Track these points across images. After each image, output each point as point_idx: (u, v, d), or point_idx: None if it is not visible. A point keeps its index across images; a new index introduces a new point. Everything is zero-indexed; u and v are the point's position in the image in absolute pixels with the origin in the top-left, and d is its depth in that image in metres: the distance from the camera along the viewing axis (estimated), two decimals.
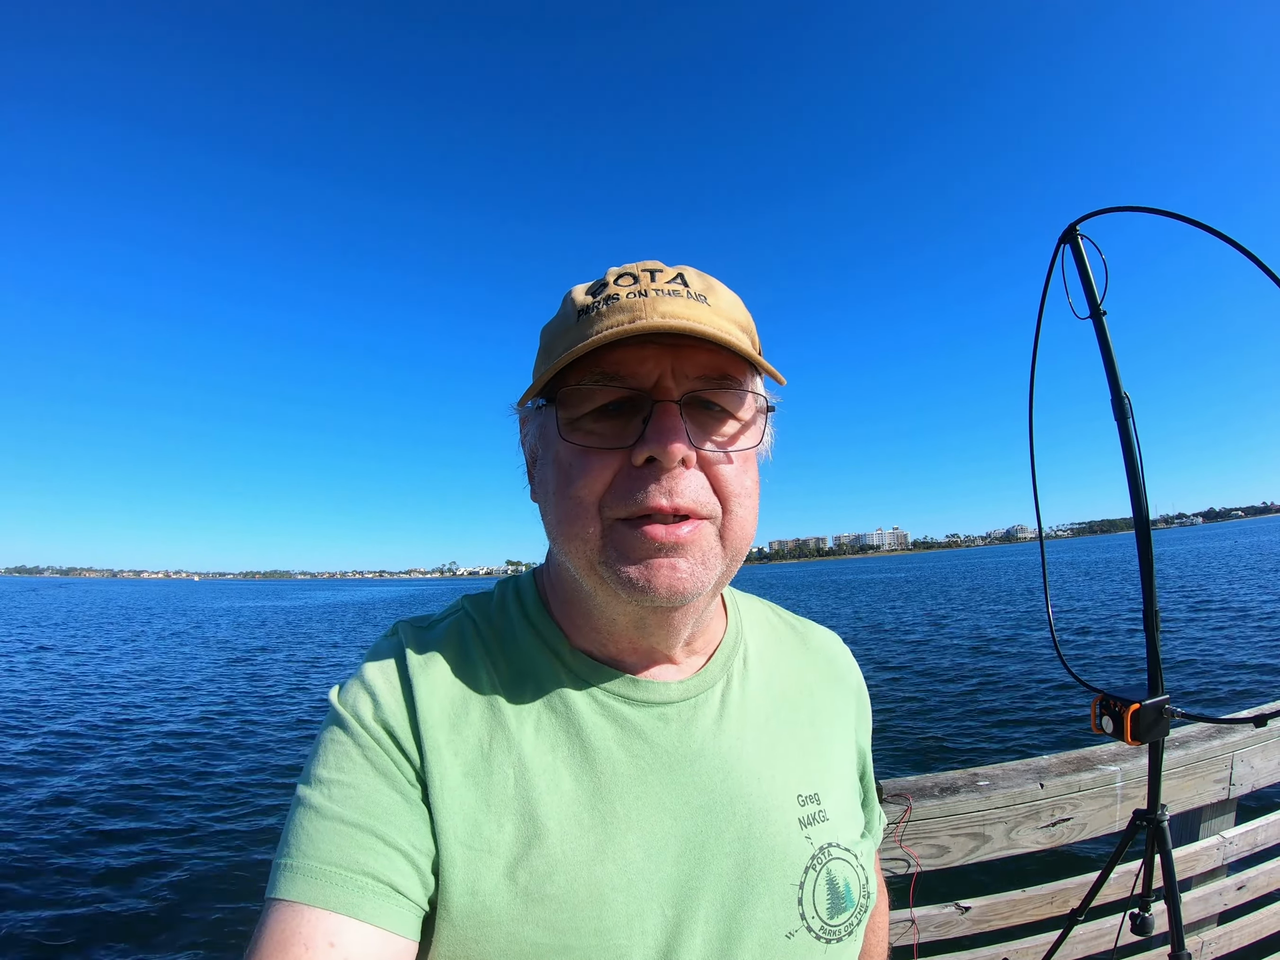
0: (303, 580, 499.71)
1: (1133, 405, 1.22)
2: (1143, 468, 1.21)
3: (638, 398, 0.61)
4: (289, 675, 15.06)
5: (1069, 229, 1.31)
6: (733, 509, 0.62)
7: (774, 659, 0.80)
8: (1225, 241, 1.04)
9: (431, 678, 0.65)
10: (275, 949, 0.50)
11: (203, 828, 5.99)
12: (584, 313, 0.62)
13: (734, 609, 0.82)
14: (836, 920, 0.66)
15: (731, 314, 0.64)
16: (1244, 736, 1.81)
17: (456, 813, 0.59)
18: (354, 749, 0.59)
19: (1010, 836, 1.60)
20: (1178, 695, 1.10)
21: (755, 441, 0.66)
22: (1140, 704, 1.16)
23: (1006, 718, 8.53)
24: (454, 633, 0.70)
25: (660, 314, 0.58)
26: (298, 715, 10.63)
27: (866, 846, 0.73)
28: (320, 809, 0.56)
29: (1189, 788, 1.75)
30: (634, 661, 0.70)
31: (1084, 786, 1.65)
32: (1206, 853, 1.80)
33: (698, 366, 0.62)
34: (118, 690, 12.91)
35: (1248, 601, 18.44)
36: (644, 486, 0.58)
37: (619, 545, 0.60)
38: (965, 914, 1.63)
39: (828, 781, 0.73)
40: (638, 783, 0.64)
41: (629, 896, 0.59)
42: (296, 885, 0.53)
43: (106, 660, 17.63)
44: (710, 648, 0.75)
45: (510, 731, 0.63)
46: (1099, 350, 1.28)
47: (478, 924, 0.56)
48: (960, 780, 1.65)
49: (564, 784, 0.62)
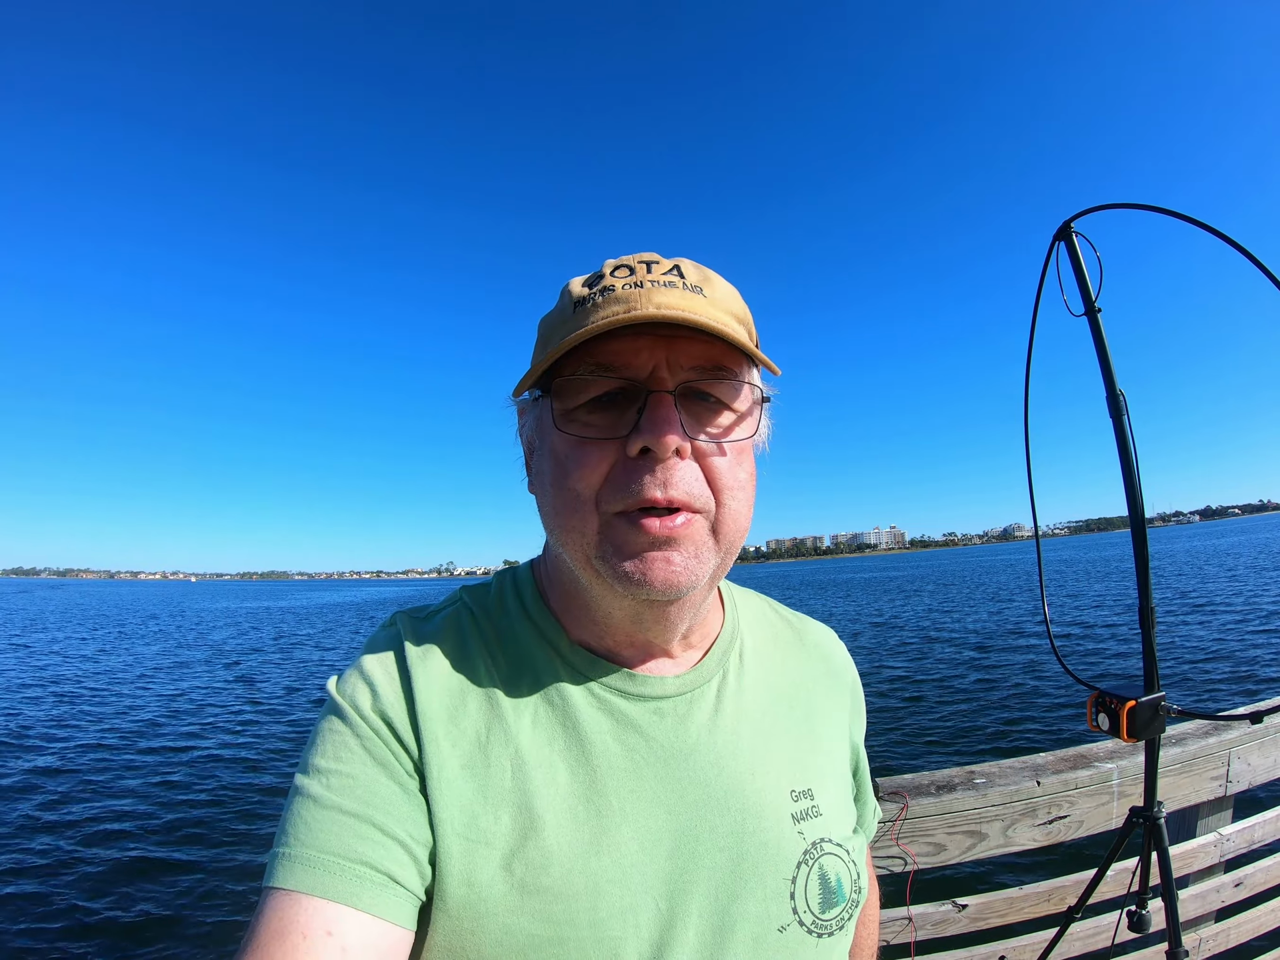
0: (300, 581, 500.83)
1: (1128, 402, 1.21)
2: (1138, 465, 1.21)
3: (632, 388, 0.61)
4: (281, 674, 15.03)
5: (1063, 226, 1.30)
6: (726, 501, 0.62)
7: (770, 654, 0.80)
8: (1221, 238, 1.04)
9: (430, 669, 0.65)
10: (273, 937, 0.50)
11: (198, 824, 5.97)
12: (580, 304, 0.62)
13: (731, 604, 0.82)
14: (828, 915, 0.66)
15: (728, 305, 0.63)
16: (1241, 733, 1.81)
17: (454, 804, 0.59)
18: (352, 739, 0.59)
19: (1007, 834, 1.60)
20: (1173, 691, 1.09)
21: (750, 433, 0.66)
22: (1136, 701, 1.16)
23: (1003, 715, 8.55)
24: (452, 624, 0.70)
25: (655, 304, 0.58)
26: (292, 715, 10.61)
27: (859, 842, 0.73)
28: (319, 798, 0.56)
29: (1185, 785, 1.75)
30: (631, 654, 0.70)
31: (1081, 784, 1.65)
32: (1203, 850, 1.80)
33: (692, 357, 0.61)
34: (94, 689, 12.86)
35: (1244, 599, 18.49)
36: (639, 478, 0.58)
37: (614, 540, 0.60)
38: (962, 912, 1.63)
39: (821, 777, 0.73)
40: (633, 777, 0.64)
41: (623, 889, 0.59)
42: (295, 874, 0.53)
43: (86, 660, 17.54)
44: (707, 642, 0.75)
45: (508, 724, 0.63)
46: (1094, 347, 1.28)
47: (474, 915, 0.56)
48: (957, 778, 1.65)
49: (560, 777, 0.62)
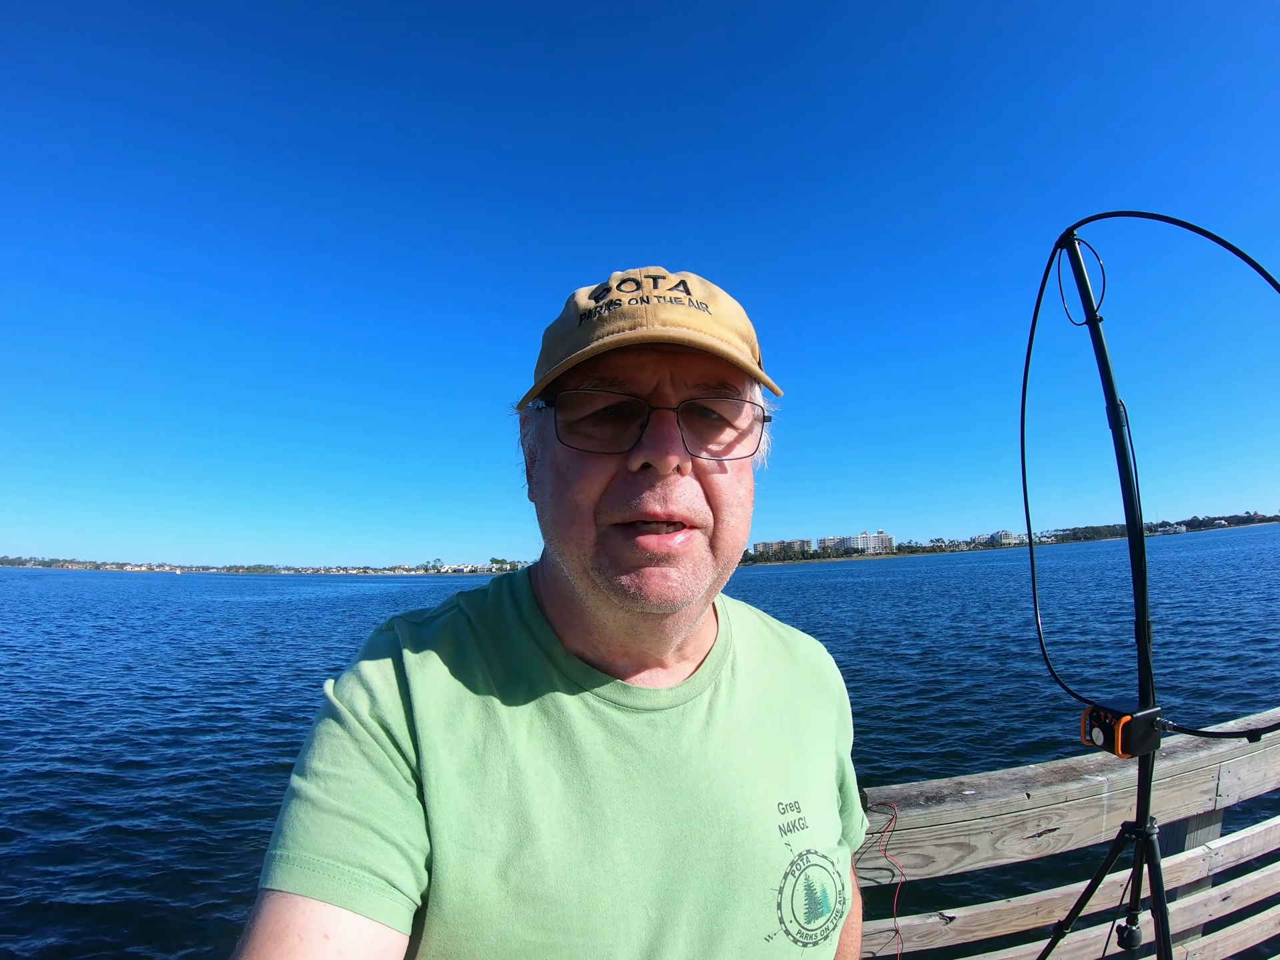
0: (287, 575, 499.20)
1: (1128, 413, 1.20)
2: (1137, 477, 1.20)
3: (635, 404, 0.62)
4: (276, 671, 14.93)
5: (1066, 233, 1.29)
6: (725, 518, 0.63)
7: (760, 667, 0.81)
8: (1225, 247, 1.03)
9: (427, 676, 0.65)
10: (269, 940, 0.50)
11: (193, 823, 5.92)
12: (586, 317, 0.63)
13: (724, 616, 0.83)
14: (813, 924, 0.68)
15: (732, 323, 0.64)
16: (1231, 748, 1.80)
17: (451, 811, 0.59)
18: (350, 743, 0.60)
19: (996, 846, 1.59)
20: (1165, 707, 1.08)
21: (751, 450, 0.67)
22: (1131, 716, 1.15)
23: (993, 727, 8.57)
24: (449, 630, 0.70)
25: (661, 321, 0.59)
26: (287, 712, 10.53)
27: (843, 853, 0.75)
28: (316, 801, 0.57)
29: (1175, 799, 1.74)
30: (625, 665, 0.70)
31: (1071, 797, 1.64)
32: (1192, 864, 1.80)
33: (696, 374, 0.62)
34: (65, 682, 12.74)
35: (1233, 611, 18.64)
36: (639, 493, 0.59)
37: (612, 552, 0.60)
38: (950, 924, 1.62)
39: (808, 790, 0.74)
40: (626, 787, 0.65)
41: (615, 898, 0.60)
42: (292, 876, 0.53)
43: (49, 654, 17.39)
44: (700, 654, 0.76)
45: (504, 733, 0.64)
46: (1094, 356, 1.26)
47: (469, 921, 0.57)
48: (946, 789, 1.63)
49: (555, 787, 0.63)
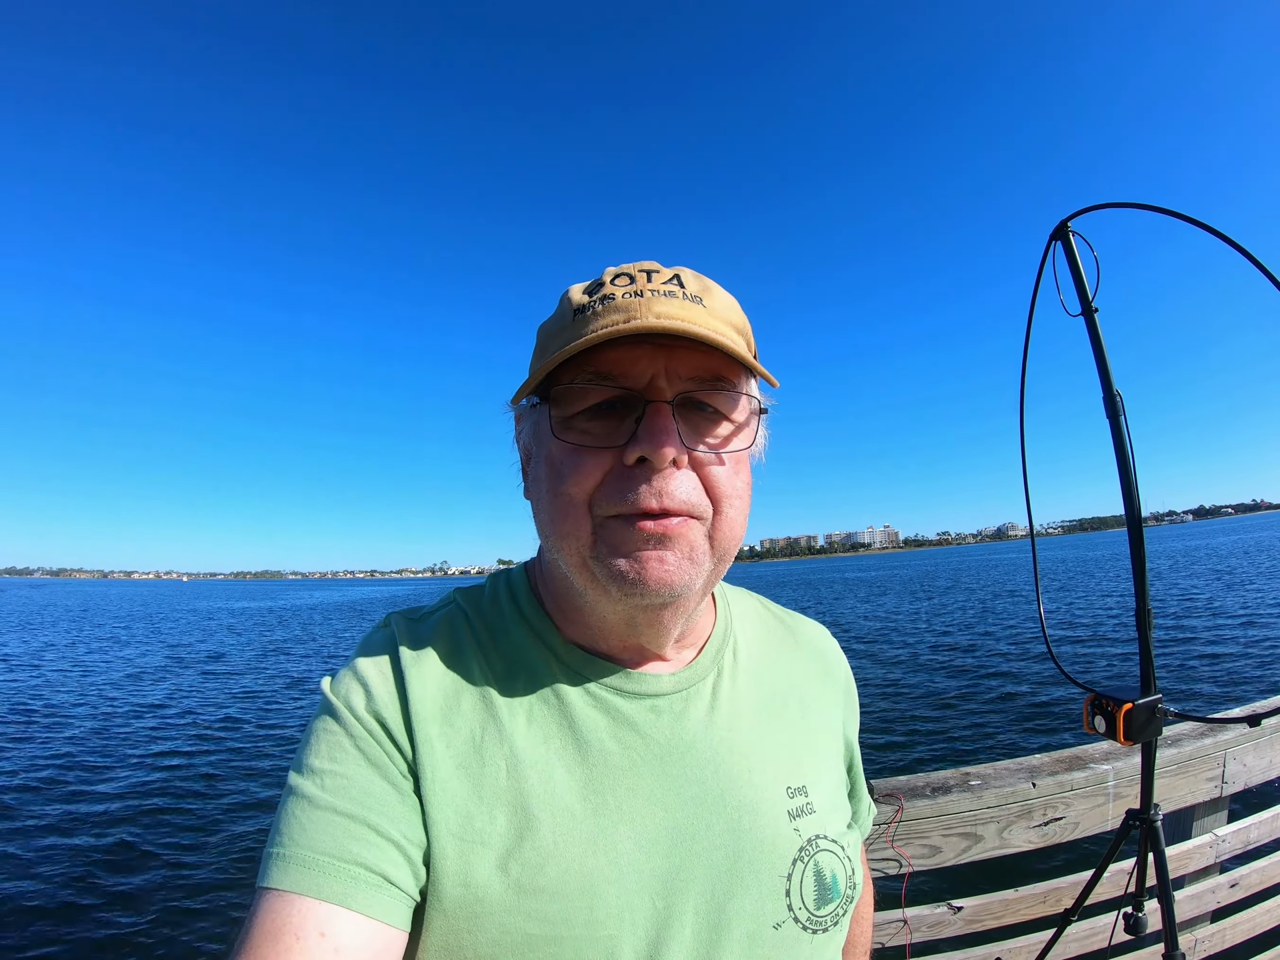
0: (294, 580, 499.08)
1: (1124, 402, 1.21)
2: (1135, 466, 1.20)
3: (630, 398, 0.61)
4: (275, 673, 14.97)
5: (1060, 225, 1.29)
6: (723, 510, 0.63)
7: (763, 652, 0.81)
8: (1219, 238, 1.03)
9: (424, 670, 0.65)
10: (266, 938, 0.50)
11: (191, 821, 5.95)
12: (579, 312, 0.62)
13: (723, 602, 0.82)
14: (823, 911, 0.67)
15: (727, 316, 0.64)
16: (1236, 734, 1.81)
17: (448, 805, 0.59)
18: (346, 739, 0.60)
19: (1002, 836, 1.60)
20: (1165, 691, 1.08)
21: (748, 443, 0.67)
22: (1133, 703, 1.15)
23: (998, 717, 8.57)
24: (446, 625, 0.70)
25: (654, 314, 0.58)
26: (287, 711, 10.56)
27: (853, 838, 0.74)
28: (313, 798, 0.56)
29: (1181, 786, 1.75)
30: (624, 658, 0.70)
31: (1076, 785, 1.64)
32: (1199, 851, 1.80)
33: (691, 367, 0.62)
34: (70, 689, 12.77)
35: (1238, 599, 18.57)
36: (635, 487, 0.59)
37: (609, 540, 0.60)
38: (957, 914, 1.62)
39: (816, 774, 0.74)
40: (629, 774, 0.64)
41: (620, 888, 0.60)
42: (289, 874, 0.53)
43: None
44: (700, 641, 0.75)
45: (502, 723, 0.64)
46: (1090, 347, 1.27)
47: (470, 915, 0.56)
48: (952, 779, 1.64)
49: (556, 775, 0.62)
